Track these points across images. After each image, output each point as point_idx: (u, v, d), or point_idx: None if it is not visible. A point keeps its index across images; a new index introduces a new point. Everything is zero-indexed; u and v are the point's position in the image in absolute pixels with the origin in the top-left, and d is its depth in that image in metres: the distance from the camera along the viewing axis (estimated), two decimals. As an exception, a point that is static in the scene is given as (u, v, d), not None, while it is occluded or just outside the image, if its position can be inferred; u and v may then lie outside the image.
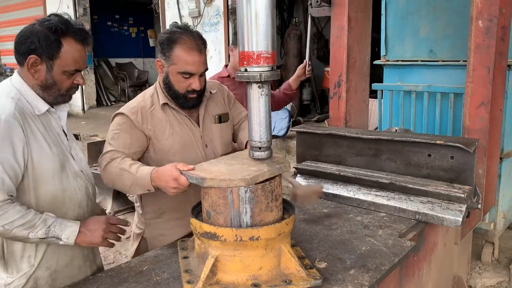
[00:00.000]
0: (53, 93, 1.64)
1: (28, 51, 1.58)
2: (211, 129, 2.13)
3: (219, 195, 1.48)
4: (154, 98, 2.06)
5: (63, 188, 1.67)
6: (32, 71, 1.60)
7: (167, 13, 8.73)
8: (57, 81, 1.62)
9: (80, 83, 1.68)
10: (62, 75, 1.62)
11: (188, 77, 1.95)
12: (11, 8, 13.05)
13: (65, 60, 1.60)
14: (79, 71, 1.66)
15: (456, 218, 1.99)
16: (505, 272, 3.40)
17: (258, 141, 1.55)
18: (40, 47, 1.57)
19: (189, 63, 1.93)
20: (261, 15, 1.45)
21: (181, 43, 1.92)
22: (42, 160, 1.59)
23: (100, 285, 1.59)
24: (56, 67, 1.60)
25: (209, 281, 1.46)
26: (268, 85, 1.52)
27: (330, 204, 2.35)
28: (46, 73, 1.60)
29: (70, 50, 1.60)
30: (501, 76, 2.39)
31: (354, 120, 2.91)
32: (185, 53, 1.92)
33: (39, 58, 1.58)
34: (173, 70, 1.96)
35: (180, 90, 1.98)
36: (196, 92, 1.99)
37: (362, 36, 2.88)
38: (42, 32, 1.57)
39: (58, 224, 1.59)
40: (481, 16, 2.28)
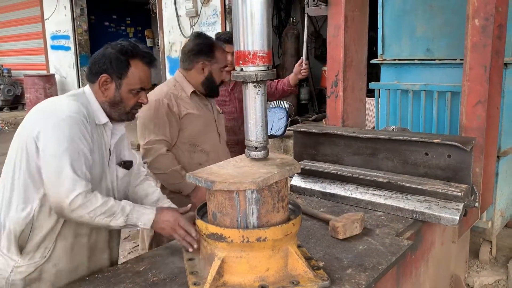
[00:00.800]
0: (119, 110, 1.81)
1: (100, 71, 1.76)
2: (219, 117, 2.67)
3: (225, 196, 1.46)
4: (177, 87, 2.50)
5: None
6: (102, 89, 1.77)
7: (164, 13, 8.72)
8: (124, 99, 1.79)
9: (144, 102, 1.85)
10: (129, 93, 1.79)
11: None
12: (8, 8, 13.02)
13: (132, 79, 1.78)
14: (144, 89, 1.83)
15: (453, 216, 1.99)
16: (502, 271, 3.41)
17: (254, 141, 1.54)
18: (111, 67, 1.76)
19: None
20: (256, 14, 1.44)
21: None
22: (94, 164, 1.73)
23: (97, 285, 1.59)
24: (124, 85, 1.77)
25: (216, 283, 1.45)
26: (264, 85, 1.52)
27: (327, 203, 2.35)
28: (115, 91, 1.78)
29: (137, 70, 1.79)
30: (498, 75, 2.39)
31: (351, 119, 2.91)
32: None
33: (109, 77, 1.76)
34: (217, 67, 2.51)
35: (219, 81, 2.56)
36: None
37: (359, 35, 2.88)
38: (114, 54, 1.76)
39: (136, 211, 1.70)
40: (478, 14, 2.28)
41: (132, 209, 1.70)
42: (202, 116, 2.51)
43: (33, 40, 12.22)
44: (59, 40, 11.29)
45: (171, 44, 8.77)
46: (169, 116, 2.39)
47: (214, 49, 2.51)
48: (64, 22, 10.87)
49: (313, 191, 2.44)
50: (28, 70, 12.06)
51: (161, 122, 2.38)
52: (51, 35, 11.49)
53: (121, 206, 1.69)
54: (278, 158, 1.60)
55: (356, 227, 1.90)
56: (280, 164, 1.54)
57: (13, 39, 13.18)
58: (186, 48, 2.56)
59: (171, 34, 8.72)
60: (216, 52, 2.50)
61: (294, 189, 2.53)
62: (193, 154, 2.49)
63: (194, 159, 2.48)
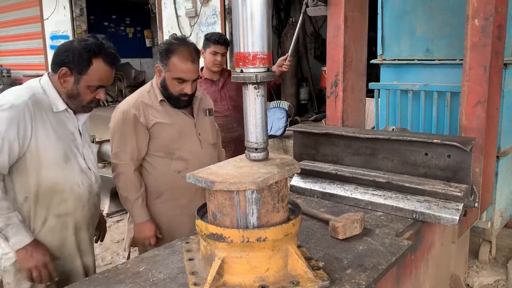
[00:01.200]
0: (76, 103, 1.91)
1: (62, 63, 1.84)
2: (203, 120, 2.48)
3: (225, 196, 1.46)
4: (151, 94, 2.35)
5: (65, 177, 1.91)
6: (61, 80, 1.86)
7: (164, 13, 8.72)
8: (81, 93, 1.88)
9: (101, 98, 1.93)
10: (86, 89, 1.87)
11: (181, 82, 2.27)
12: (7, 8, 13.02)
13: (92, 76, 1.85)
14: (102, 87, 1.91)
15: (453, 216, 1.99)
16: (502, 271, 3.41)
17: (254, 142, 1.54)
18: (72, 62, 1.83)
19: (183, 71, 2.25)
20: (256, 15, 1.44)
21: (177, 53, 2.23)
22: (46, 148, 1.84)
23: (97, 286, 1.59)
24: (82, 81, 1.85)
25: (216, 283, 1.45)
26: (264, 86, 1.52)
27: (327, 203, 2.35)
28: (73, 85, 1.86)
29: (98, 69, 1.85)
30: (497, 75, 2.39)
31: (351, 119, 2.91)
32: (180, 63, 2.24)
33: (69, 71, 1.84)
34: (169, 76, 2.27)
35: (174, 93, 2.30)
36: (188, 96, 2.32)
37: (359, 35, 2.88)
38: (77, 50, 1.82)
39: (16, 227, 1.79)
40: (477, 15, 2.28)
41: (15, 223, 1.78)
42: (175, 123, 2.35)
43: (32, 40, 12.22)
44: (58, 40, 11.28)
45: (171, 44, 8.75)
46: (136, 127, 2.28)
47: (170, 54, 2.25)
48: (63, 22, 10.87)
49: (313, 191, 2.44)
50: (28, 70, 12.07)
51: (128, 134, 2.28)
52: (50, 35, 11.49)
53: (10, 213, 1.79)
54: (278, 158, 1.60)
55: (356, 227, 1.90)
56: (280, 164, 1.54)
57: (13, 39, 13.18)
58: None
59: (170, 34, 8.72)
60: (172, 58, 2.24)
61: (294, 189, 2.53)
62: (170, 162, 2.36)
63: (172, 166, 2.36)
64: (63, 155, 1.89)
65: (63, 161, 1.89)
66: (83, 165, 1.99)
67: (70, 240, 2.00)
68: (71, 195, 1.94)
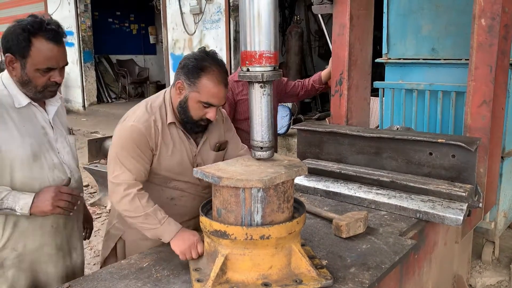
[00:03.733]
0: (31, 90, 1.73)
1: (6, 49, 1.68)
2: (207, 154, 2.06)
3: (231, 193, 1.46)
4: (162, 111, 1.96)
5: (34, 177, 1.75)
6: (10, 68, 1.71)
7: (168, 9, 8.72)
8: (31, 78, 1.70)
9: (56, 80, 1.74)
10: (35, 72, 1.69)
11: (207, 107, 1.89)
12: (12, 4, 13.03)
13: (36, 58, 1.67)
14: (52, 69, 1.71)
15: (457, 217, 1.99)
16: (505, 272, 3.40)
17: (260, 141, 1.54)
18: (13, 45, 1.66)
19: (214, 95, 1.86)
20: (263, 14, 1.44)
21: (210, 73, 1.85)
22: (11, 148, 1.69)
23: (100, 281, 1.59)
24: (28, 65, 1.68)
25: (219, 280, 1.45)
26: (270, 85, 1.52)
27: (331, 202, 2.35)
28: (21, 71, 1.70)
29: (41, 49, 1.67)
30: (503, 75, 2.38)
31: (355, 118, 2.91)
32: (213, 85, 1.85)
33: (13, 57, 1.68)
34: (195, 97, 1.88)
35: (195, 117, 1.92)
36: (208, 121, 1.96)
37: (364, 34, 2.88)
38: (15, 32, 1.66)
39: (12, 196, 1.68)
40: (484, 14, 2.27)
41: (8, 194, 1.68)
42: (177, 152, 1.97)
43: (37, 36, 12.22)
44: (63, 36, 11.30)
45: (175, 41, 8.77)
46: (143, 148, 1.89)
47: (201, 73, 1.84)
48: (68, 18, 10.88)
49: (317, 189, 2.44)
50: (32, 66, 12.07)
51: (135, 154, 1.88)
52: (55, 31, 11.50)
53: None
54: (285, 160, 1.60)
55: (360, 226, 1.90)
56: (288, 165, 1.53)
57: (17, 35, 13.19)
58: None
59: (175, 31, 8.72)
60: (203, 78, 1.84)
61: (297, 188, 2.52)
62: (164, 189, 2.00)
63: (165, 193, 2.00)
64: (31, 153, 1.74)
65: (31, 159, 1.74)
66: (55, 161, 1.82)
67: (47, 242, 1.84)
68: None
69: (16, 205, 1.67)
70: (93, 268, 3.69)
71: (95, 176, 5.35)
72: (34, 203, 1.69)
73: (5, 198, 1.66)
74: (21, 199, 1.68)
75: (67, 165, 1.89)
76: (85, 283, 1.59)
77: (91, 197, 5.40)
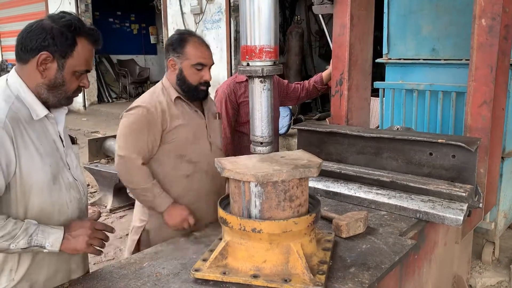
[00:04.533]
0: (59, 94, 1.57)
1: (40, 48, 1.49)
2: (213, 123, 2.34)
3: (236, 184, 1.53)
4: (163, 92, 2.21)
5: (53, 201, 1.58)
6: (41, 69, 1.52)
7: (169, 10, 8.73)
8: (67, 81, 1.55)
9: (85, 85, 1.63)
10: (72, 75, 1.56)
11: (201, 68, 2.16)
12: (13, 4, 13.05)
13: (78, 59, 1.54)
14: (88, 71, 1.61)
15: (457, 217, 1.98)
16: (505, 272, 3.40)
17: (259, 136, 1.55)
18: (53, 44, 1.49)
19: (201, 56, 2.16)
20: (264, 9, 1.45)
21: (191, 41, 2.16)
22: (31, 171, 1.50)
23: (100, 280, 1.59)
24: (67, 66, 1.53)
25: (217, 263, 1.54)
26: (270, 80, 1.52)
27: (331, 202, 2.35)
28: (57, 72, 1.53)
29: (83, 50, 1.55)
30: (504, 75, 2.38)
31: (355, 118, 2.91)
32: (197, 48, 2.16)
33: (51, 56, 1.50)
34: (187, 64, 2.16)
35: (193, 82, 2.17)
36: (206, 84, 2.21)
37: (364, 34, 2.88)
38: (58, 29, 1.50)
39: (41, 231, 1.48)
40: (484, 14, 2.27)
41: (37, 229, 1.47)
42: (190, 124, 2.21)
43: (37, 36, 12.22)
44: (63, 36, 11.30)
45: (175, 41, 8.76)
46: (150, 125, 2.11)
47: (184, 43, 2.15)
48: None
49: (317, 189, 2.44)
50: (32, 66, 12.07)
51: (140, 131, 2.11)
52: (55, 31, 11.50)
53: (23, 227, 1.45)
54: (305, 160, 1.59)
55: (360, 226, 1.90)
56: (300, 165, 1.53)
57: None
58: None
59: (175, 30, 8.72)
60: (187, 47, 2.14)
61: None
62: (179, 165, 2.20)
63: (180, 170, 2.20)
64: (51, 174, 1.55)
65: (51, 182, 1.55)
66: (70, 179, 1.65)
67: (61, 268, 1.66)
68: (59, 218, 1.60)
69: (46, 241, 1.48)
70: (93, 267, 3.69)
71: (95, 176, 5.35)
72: (65, 240, 1.51)
73: (34, 234, 1.46)
74: (51, 234, 1.49)
75: (79, 181, 1.70)
76: (84, 282, 1.60)
77: (92, 197, 5.40)
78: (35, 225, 1.49)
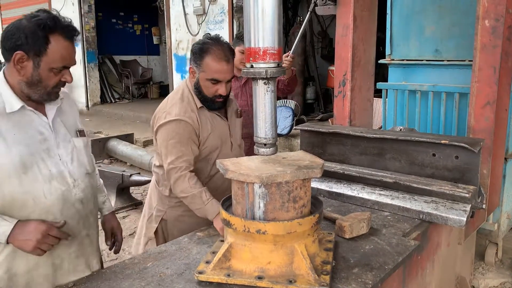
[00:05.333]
0: (39, 91, 1.61)
1: (14, 47, 1.54)
2: (235, 122, 2.43)
3: (239, 186, 1.53)
4: (190, 99, 2.24)
5: (25, 190, 1.59)
6: (18, 67, 1.57)
7: (172, 10, 8.74)
8: (44, 78, 1.59)
9: (67, 80, 1.65)
10: (49, 72, 1.59)
11: (216, 83, 2.17)
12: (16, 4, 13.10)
13: (53, 57, 1.57)
14: (67, 68, 1.63)
15: (460, 218, 1.98)
16: (508, 273, 3.40)
17: (263, 137, 1.55)
18: (26, 43, 1.54)
19: (217, 71, 2.15)
20: (267, 11, 1.45)
21: (211, 53, 2.14)
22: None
23: (104, 281, 1.60)
24: (43, 64, 1.57)
25: (221, 265, 1.53)
26: (274, 82, 1.52)
27: (333, 202, 2.35)
28: (33, 70, 1.57)
29: (58, 47, 1.58)
30: (507, 76, 2.38)
31: (358, 119, 2.91)
32: (214, 63, 2.14)
33: (25, 55, 1.55)
34: (203, 77, 2.18)
35: (208, 94, 2.20)
36: (222, 97, 2.23)
37: (367, 35, 2.88)
38: (30, 28, 1.54)
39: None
40: (488, 15, 2.27)
41: None
42: (217, 131, 2.28)
43: (40, 36, 12.26)
44: (66, 36, 11.33)
45: (178, 42, 8.79)
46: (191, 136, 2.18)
47: (204, 54, 2.15)
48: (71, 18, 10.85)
49: (320, 190, 2.44)
50: (35, 66, 12.11)
51: (184, 143, 2.17)
52: (58, 32, 11.53)
53: None
54: (307, 160, 1.60)
55: (363, 227, 1.90)
56: (303, 166, 1.53)
57: (21, 35, 13.23)
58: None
59: (178, 32, 8.74)
60: (205, 58, 2.14)
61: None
62: (205, 168, 2.29)
63: (206, 171, 2.30)
64: (20, 164, 1.57)
65: (20, 171, 1.57)
66: (53, 171, 1.65)
67: (42, 262, 1.66)
68: (35, 209, 1.61)
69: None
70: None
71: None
72: (15, 235, 1.53)
73: None
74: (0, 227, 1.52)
75: (71, 173, 1.71)
76: (89, 282, 1.60)
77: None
78: None
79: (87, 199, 1.79)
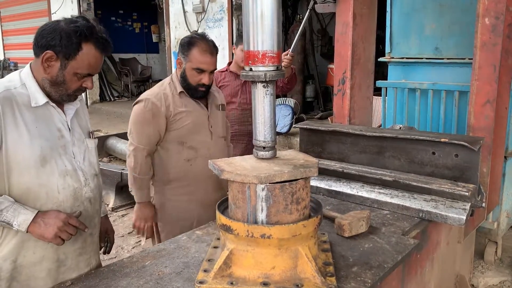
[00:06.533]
0: (60, 91, 1.68)
1: (47, 46, 1.62)
2: (216, 114, 2.61)
3: (239, 189, 1.48)
4: (171, 86, 2.50)
5: (40, 183, 1.64)
6: (45, 65, 1.64)
7: (171, 8, 8.73)
8: (67, 81, 1.66)
9: (88, 87, 1.72)
10: (74, 76, 1.66)
11: (200, 72, 2.42)
12: (15, 2, 13.09)
13: (80, 63, 1.64)
14: (90, 75, 1.71)
15: (460, 216, 1.98)
16: (507, 272, 3.39)
17: (262, 141, 1.53)
18: (59, 45, 1.61)
19: (202, 62, 2.41)
20: (266, 14, 1.43)
21: (198, 45, 2.41)
22: (17, 149, 1.59)
23: (102, 279, 1.59)
24: (69, 67, 1.64)
25: (222, 273, 1.47)
26: (273, 85, 1.51)
27: (333, 201, 2.34)
28: (58, 71, 1.64)
29: (88, 55, 1.65)
30: (507, 74, 2.37)
31: (358, 117, 2.90)
32: (200, 54, 2.41)
33: (55, 55, 1.62)
34: (189, 66, 2.42)
35: (193, 83, 2.45)
36: (205, 86, 2.47)
37: (367, 33, 2.87)
38: (66, 31, 1.61)
39: (12, 209, 1.56)
40: (488, 13, 2.26)
41: (9, 206, 1.56)
42: (191, 115, 2.48)
43: (40, 34, 12.26)
44: (65, 34, 11.31)
45: (177, 40, 8.77)
46: (155, 116, 2.40)
47: (191, 46, 2.40)
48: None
49: (319, 188, 2.44)
50: (35, 64, 12.11)
51: (147, 122, 2.41)
52: (57, 29, 11.52)
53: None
54: (302, 160, 1.58)
55: (362, 225, 1.90)
56: (299, 165, 1.51)
57: (20, 33, 13.24)
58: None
59: (177, 30, 8.73)
60: (192, 50, 2.39)
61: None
62: (181, 151, 2.49)
63: (183, 155, 2.50)
64: (40, 156, 1.63)
65: (38, 163, 1.63)
66: (68, 167, 1.71)
67: (49, 257, 1.70)
68: (47, 202, 1.66)
69: (14, 219, 1.55)
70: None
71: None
72: (36, 223, 1.57)
73: (4, 210, 1.55)
74: (21, 214, 1.56)
75: (83, 171, 1.77)
76: (87, 281, 1.60)
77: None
78: (11, 202, 1.57)
79: (95, 199, 1.84)
